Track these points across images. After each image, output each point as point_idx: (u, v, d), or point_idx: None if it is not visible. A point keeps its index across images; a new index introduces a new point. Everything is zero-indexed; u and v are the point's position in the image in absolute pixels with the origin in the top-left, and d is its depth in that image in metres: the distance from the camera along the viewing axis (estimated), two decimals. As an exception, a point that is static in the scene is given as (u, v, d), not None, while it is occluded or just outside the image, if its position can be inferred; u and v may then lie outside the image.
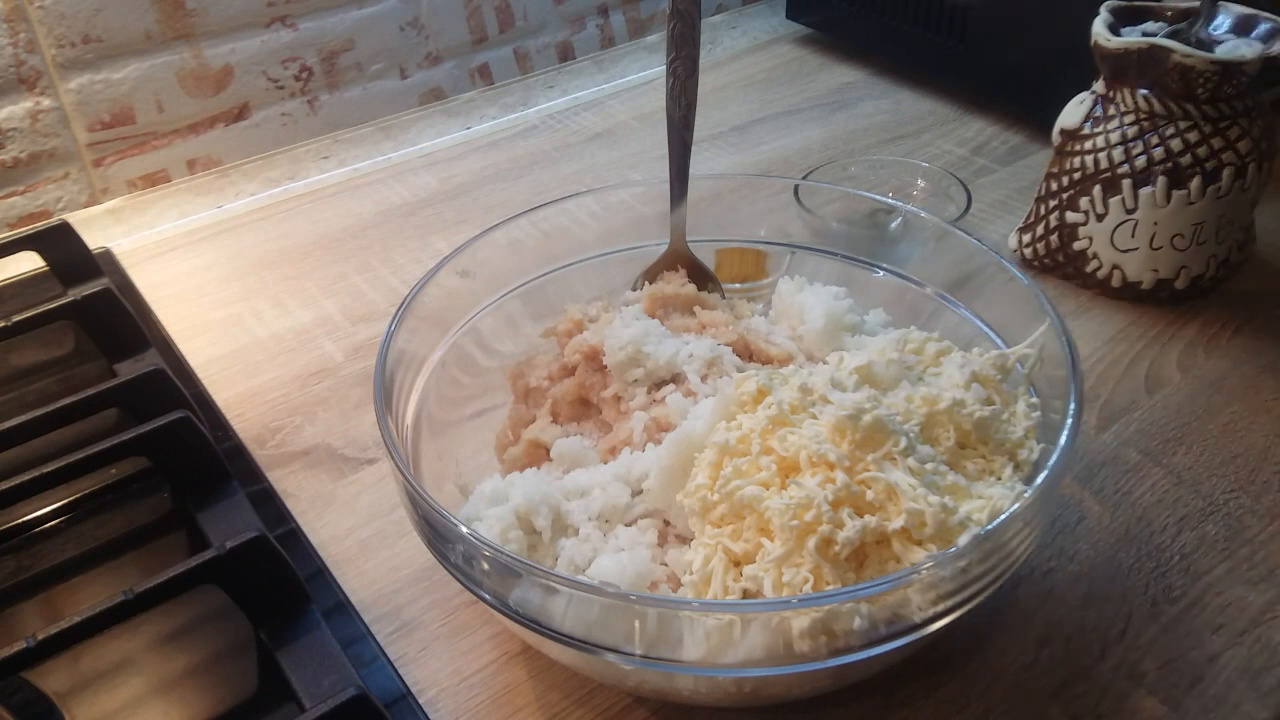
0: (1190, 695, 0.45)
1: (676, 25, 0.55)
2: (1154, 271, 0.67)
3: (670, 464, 0.46)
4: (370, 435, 0.62)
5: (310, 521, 0.56)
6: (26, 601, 0.52)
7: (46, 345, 0.68)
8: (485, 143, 0.94)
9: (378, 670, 0.48)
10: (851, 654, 0.38)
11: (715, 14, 1.17)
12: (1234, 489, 0.55)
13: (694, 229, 0.59)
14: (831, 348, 0.53)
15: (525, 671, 0.48)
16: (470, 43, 1.01)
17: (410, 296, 0.51)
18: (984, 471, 0.45)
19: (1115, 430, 0.59)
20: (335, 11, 0.91)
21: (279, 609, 0.48)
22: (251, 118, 0.91)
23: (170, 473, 0.55)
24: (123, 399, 0.58)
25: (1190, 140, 0.64)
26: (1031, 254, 0.72)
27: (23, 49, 0.78)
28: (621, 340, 0.50)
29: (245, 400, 0.65)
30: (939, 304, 0.56)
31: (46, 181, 0.83)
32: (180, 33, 0.85)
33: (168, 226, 0.84)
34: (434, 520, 0.40)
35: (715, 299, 0.58)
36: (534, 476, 0.49)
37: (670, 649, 0.38)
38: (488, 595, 0.40)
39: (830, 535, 0.40)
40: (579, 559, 0.45)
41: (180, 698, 0.47)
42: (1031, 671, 0.47)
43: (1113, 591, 0.50)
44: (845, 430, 0.42)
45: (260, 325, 0.72)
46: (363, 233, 0.82)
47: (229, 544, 0.46)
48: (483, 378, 0.57)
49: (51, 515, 0.55)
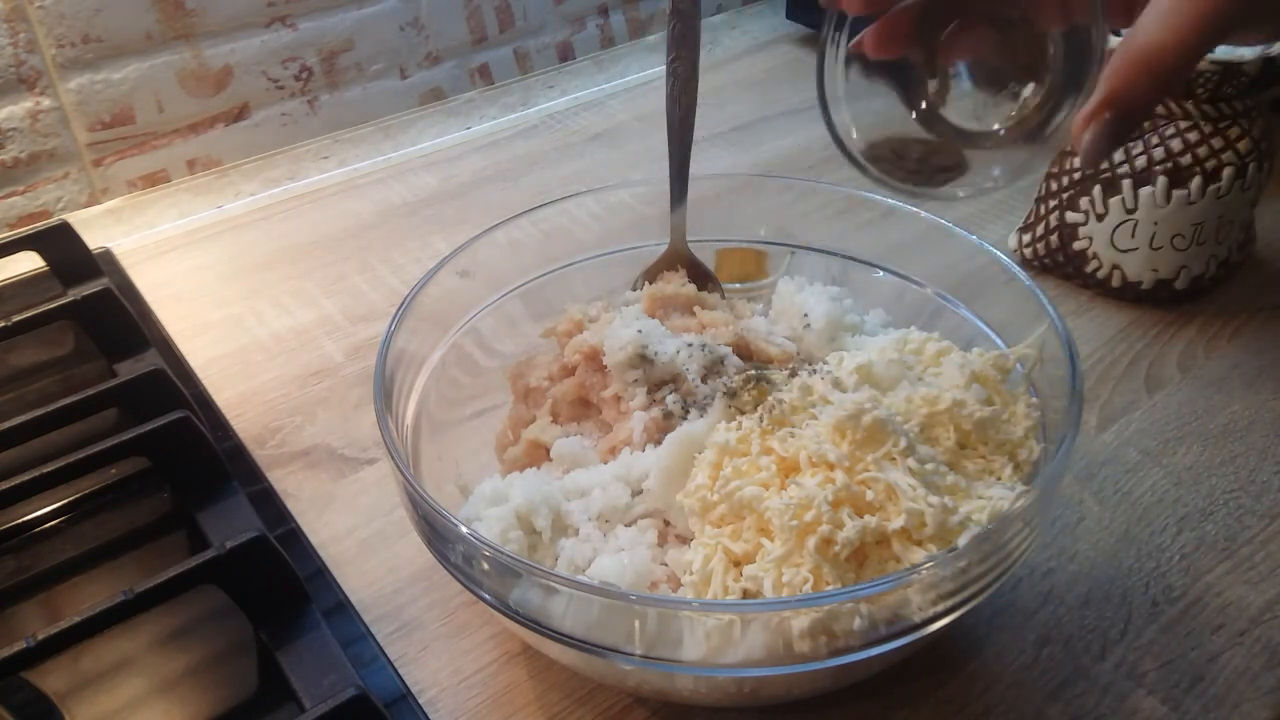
0: (1190, 695, 0.45)
1: (676, 25, 0.55)
2: (1154, 271, 0.67)
3: (670, 464, 0.46)
4: (370, 435, 0.62)
5: (310, 521, 0.56)
6: (26, 601, 0.52)
7: (46, 345, 0.68)
8: (485, 143, 0.94)
9: (378, 670, 0.48)
10: (851, 654, 0.38)
11: (715, 14, 1.17)
12: (1234, 489, 0.55)
13: (694, 229, 0.59)
14: (831, 348, 0.53)
15: (525, 671, 0.48)
16: (470, 43, 1.01)
17: (410, 296, 0.51)
18: (984, 471, 0.45)
19: (1115, 430, 0.59)
20: (335, 11, 0.91)
21: (279, 609, 0.48)
22: (251, 118, 0.91)
23: (170, 473, 0.55)
24: (123, 399, 0.58)
25: (1190, 140, 0.64)
26: (1031, 254, 0.72)
27: (23, 49, 0.78)
28: (621, 340, 0.50)
29: (245, 400, 0.65)
30: (939, 304, 0.56)
31: (46, 181, 0.83)
32: (180, 33, 0.85)
33: (168, 226, 0.84)
34: (434, 520, 0.40)
35: (715, 299, 0.58)
36: (534, 476, 0.49)
37: (670, 649, 0.38)
38: (488, 595, 0.40)
39: (830, 535, 0.40)
40: (579, 559, 0.45)
41: (180, 698, 0.47)
42: (1031, 671, 0.47)
43: (1113, 591, 0.50)
44: (845, 430, 0.42)
45: (260, 325, 0.72)
46: (363, 233, 0.82)
47: (229, 544, 0.46)
48: (483, 378, 0.57)
49: (51, 515, 0.55)
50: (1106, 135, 0.38)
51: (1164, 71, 0.37)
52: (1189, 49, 0.36)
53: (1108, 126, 0.38)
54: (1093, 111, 0.38)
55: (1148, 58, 0.36)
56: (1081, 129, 0.38)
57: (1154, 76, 0.37)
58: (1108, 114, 0.38)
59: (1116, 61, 0.37)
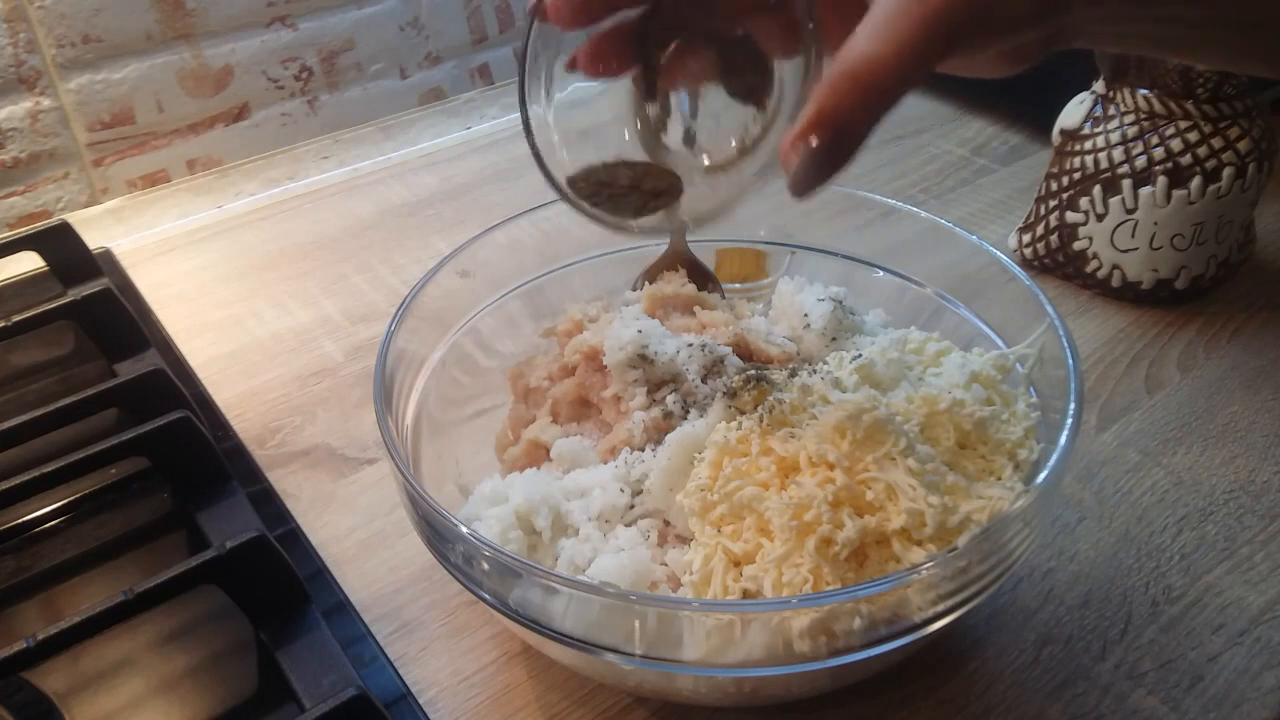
0: (1190, 695, 0.45)
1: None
2: (1154, 271, 0.67)
3: (670, 464, 0.46)
4: (370, 435, 0.62)
5: (310, 521, 0.56)
6: (26, 601, 0.52)
7: (46, 345, 0.68)
8: (485, 143, 0.94)
9: (378, 670, 0.48)
10: (851, 654, 0.38)
11: (715, 14, 1.16)
12: (1234, 489, 0.55)
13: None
14: (832, 348, 0.53)
15: (525, 671, 0.48)
16: (470, 43, 1.01)
17: (410, 296, 0.51)
18: (984, 471, 0.45)
19: (1115, 430, 0.59)
20: (335, 11, 0.91)
21: (279, 609, 0.48)
22: (251, 118, 0.91)
23: (170, 473, 0.55)
24: (123, 399, 0.58)
25: (1190, 140, 0.64)
26: (1031, 254, 0.72)
27: (23, 49, 0.78)
28: (621, 340, 0.50)
29: (245, 400, 0.65)
30: (939, 304, 0.56)
31: (46, 181, 0.83)
32: (180, 33, 0.85)
33: (168, 226, 0.84)
34: (434, 520, 0.40)
35: (715, 299, 0.58)
36: (534, 476, 0.49)
37: (670, 649, 0.38)
38: (488, 595, 0.40)
39: (830, 535, 0.40)
40: (579, 559, 0.45)
41: (180, 698, 0.47)
42: (1031, 671, 0.47)
43: (1113, 591, 0.50)
44: (845, 430, 0.42)
45: (260, 325, 0.72)
46: (363, 233, 0.82)
47: (229, 544, 0.46)
48: (483, 378, 0.57)
49: (51, 515, 0.55)
50: (816, 160, 0.33)
51: (878, 87, 0.32)
52: (905, 63, 0.32)
53: (817, 152, 0.33)
54: (800, 133, 0.33)
55: (858, 72, 0.32)
56: (788, 153, 0.33)
57: (867, 93, 0.32)
58: (816, 136, 0.32)
59: (828, 78, 0.33)
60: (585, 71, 0.41)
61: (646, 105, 0.44)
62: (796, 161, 0.33)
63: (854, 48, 0.32)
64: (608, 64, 0.41)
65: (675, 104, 0.44)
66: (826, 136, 0.32)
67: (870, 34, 0.32)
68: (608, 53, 0.41)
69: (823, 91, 0.32)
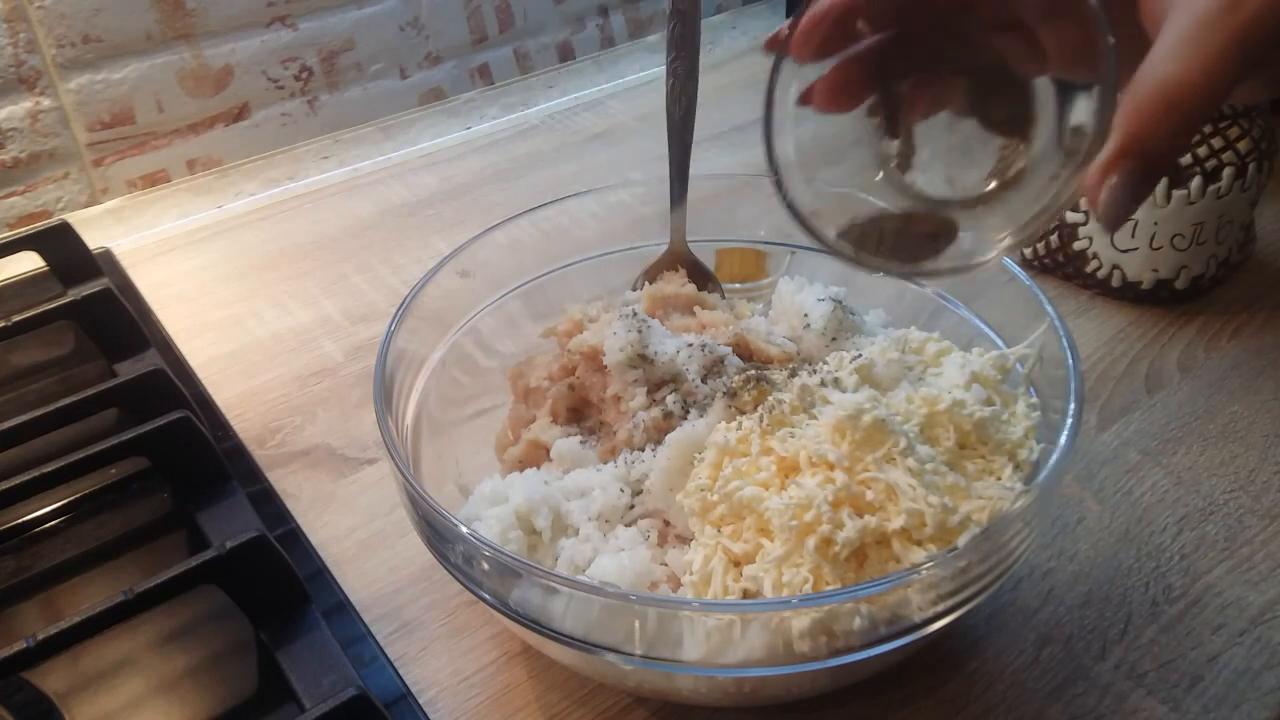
0: (1190, 695, 0.45)
1: (676, 25, 0.55)
2: (1154, 271, 0.67)
3: (670, 464, 0.46)
4: (370, 435, 0.62)
5: (310, 521, 0.56)
6: (26, 601, 0.52)
7: (46, 345, 0.68)
8: (485, 143, 0.94)
9: (378, 670, 0.48)
10: (851, 654, 0.38)
11: (715, 14, 1.17)
12: (1234, 489, 0.55)
13: (694, 229, 0.59)
14: (832, 348, 0.53)
15: (525, 671, 0.48)
16: (470, 43, 1.01)
17: (410, 296, 0.51)
18: (984, 471, 0.45)
19: (1115, 430, 0.59)
20: (335, 11, 0.91)
21: (279, 609, 0.48)
22: (251, 118, 0.91)
23: (170, 473, 0.55)
24: (123, 399, 0.58)
25: (1190, 140, 0.64)
26: (1031, 254, 0.72)
27: (23, 49, 0.78)
28: (621, 340, 0.50)
29: (245, 400, 0.65)
30: (939, 304, 0.56)
31: (46, 181, 0.83)
32: (180, 33, 0.85)
33: (168, 226, 0.84)
34: (434, 520, 0.40)
35: (715, 299, 0.58)
36: (534, 477, 0.49)
37: (670, 649, 0.38)
38: (488, 595, 0.40)
39: (830, 535, 0.40)
40: (579, 559, 0.45)
41: (180, 698, 0.47)
42: (1031, 671, 0.47)
43: (1113, 591, 0.50)
44: (845, 430, 0.42)
45: (260, 325, 0.72)
46: (363, 233, 0.82)
47: (229, 544, 0.46)
48: (483, 378, 0.57)
49: (51, 515, 0.55)
50: (1128, 188, 0.32)
51: (1190, 110, 0.31)
52: (1217, 82, 0.30)
53: (1129, 178, 0.32)
54: (1109, 162, 0.32)
55: (1169, 95, 0.30)
56: (1098, 184, 0.32)
57: (1179, 117, 0.31)
58: (1128, 164, 0.32)
59: (1132, 102, 0.31)
60: (821, 107, 0.39)
61: (889, 143, 0.41)
62: (1107, 192, 0.32)
63: (1157, 68, 0.31)
64: (845, 97, 0.39)
65: (918, 137, 0.41)
66: (1139, 165, 0.32)
67: (1173, 53, 0.31)
68: (847, 85, 0.38)
69: (1129, 117, 0.31)
